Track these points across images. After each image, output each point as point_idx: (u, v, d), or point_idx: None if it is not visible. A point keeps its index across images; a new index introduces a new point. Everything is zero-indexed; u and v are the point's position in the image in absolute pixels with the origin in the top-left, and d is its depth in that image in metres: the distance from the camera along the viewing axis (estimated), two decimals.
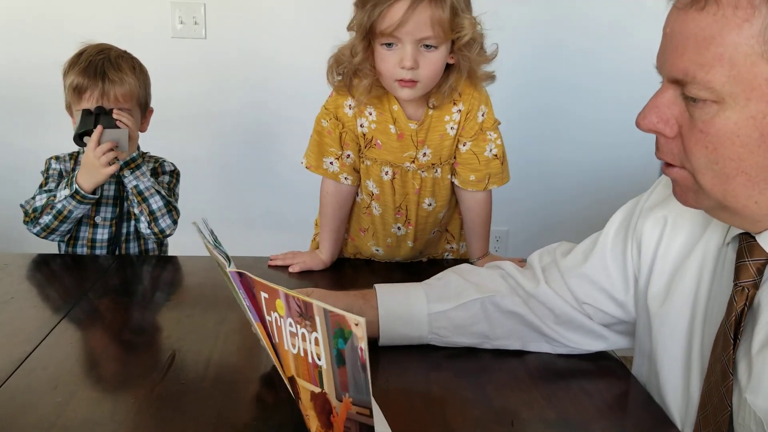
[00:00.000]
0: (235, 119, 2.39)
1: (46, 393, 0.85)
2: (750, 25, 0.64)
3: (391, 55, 1.17)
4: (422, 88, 1.21)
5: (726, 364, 0.74)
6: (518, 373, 0.95)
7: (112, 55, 1.44)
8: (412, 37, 1.14)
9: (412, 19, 1.12)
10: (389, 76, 1.20)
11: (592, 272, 0.96)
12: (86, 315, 1.11)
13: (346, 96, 1.28)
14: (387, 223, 1.38)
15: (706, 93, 0.68)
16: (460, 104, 1.27)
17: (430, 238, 1.43)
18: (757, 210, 0.71)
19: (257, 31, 2.32)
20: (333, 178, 1.32)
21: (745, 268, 0.74)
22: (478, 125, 1.29)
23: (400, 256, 1.43)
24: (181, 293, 1.25)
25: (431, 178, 1.33)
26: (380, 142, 1.29)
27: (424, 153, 1.30)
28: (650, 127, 0.74)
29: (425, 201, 1.36)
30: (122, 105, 1.41)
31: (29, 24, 2.32)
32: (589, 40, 2.39)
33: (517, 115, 2.46)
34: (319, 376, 0.70)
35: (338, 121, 1.29)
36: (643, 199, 0.95)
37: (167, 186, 1.51)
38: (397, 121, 1.27)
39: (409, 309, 0.99)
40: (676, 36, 0.70)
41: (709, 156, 0.70)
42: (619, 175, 2.45)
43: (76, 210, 1.39)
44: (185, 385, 0.88)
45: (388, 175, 1.32)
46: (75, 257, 1.43)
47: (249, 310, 0.80)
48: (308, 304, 0.69)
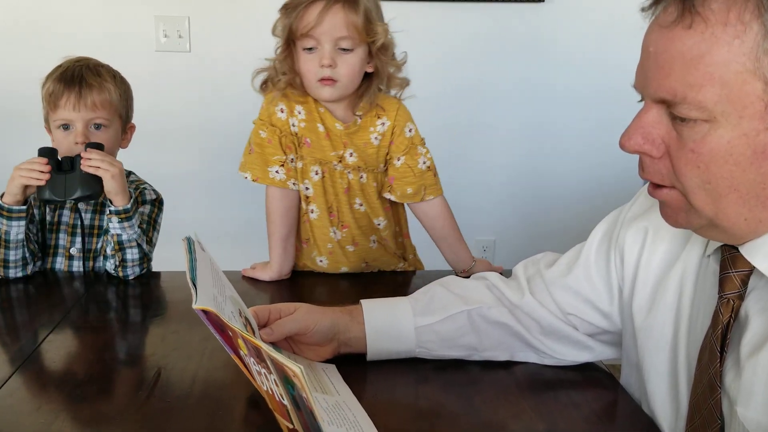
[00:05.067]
0: (221, 132, 2.38)
1: (30, 414, 0.84)
2: (741, 42, 0.63)
3: (311, 58, 1.27)
4: (342, 88, 1.29)
5: (713, 377, 0.74)
6: (506, 385, 0.95)
7: (91, 63, 1.39)
8: (329, 36, 1.25)
9: (326, 19, 1.23)
10: (311, 78, 1.28)
11: (576, 283, 0.96)
12: (70, 333, 1.09)
13: (275, 102, 1.34)
14: (324, 226, 1.39)
15: (697, 112, 0.67)
16: (384, 118, 1.36)
17: (371, 248, 1.43)
18: (745, 227, 0.70)
19: (241, 43, 2.32)
20: (281, 185, 1.35)
21: (729, 280, 0.74)
22: (408, 140, 1.36)
23: (346, 266, 1.42)
24: (165, 309, 1.24)
25: (357, 182, 1.38)
26: (309, 140, 1.35)
27: (351, 153, 1.36)
28: (636, 149, 0.73)
29: (356, 201, 1.39)
30: (99, 113, 1.34)
31: (12, 38, 2.31)
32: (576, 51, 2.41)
33: (503, 126, 2.48)
34: (288, 413, 0.70)
35: (274, 127, 1.34)
36: (625, 209, 0.95)
37: (148, 217, 1.41)
38: (324, 120, 1.35)
39: (395, 324, 0.99)
40: (661, 55, 0.68)
41: (701, 176, 0.69)
42: (605, 184, 2.46)
43: (10, 229, 1.29)
44: (171, 403, 0.87)
45: (318, 175, 1.36)
46: (57, 275, 1.41)
47: (223, 343, 0.79)
48: (258, 348, 0.68)
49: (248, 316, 0.89)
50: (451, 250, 1.42)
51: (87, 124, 1.34)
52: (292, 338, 0.95)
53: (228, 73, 2.34)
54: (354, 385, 0.90)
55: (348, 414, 0.81)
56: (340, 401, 0.84)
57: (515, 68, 2.43)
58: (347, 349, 0.98)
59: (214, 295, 0.77)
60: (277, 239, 1.37)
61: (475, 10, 2.37)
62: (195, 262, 0.79)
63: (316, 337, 0.95)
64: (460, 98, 2.46)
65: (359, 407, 0.84)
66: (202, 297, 0.72)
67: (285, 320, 0.93)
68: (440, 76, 2.41)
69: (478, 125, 2.49)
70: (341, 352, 0.98)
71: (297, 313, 0.95)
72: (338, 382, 0.91)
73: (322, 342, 0.96)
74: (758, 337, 0.71)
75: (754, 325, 0.72)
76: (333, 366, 0.96)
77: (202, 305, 0.71)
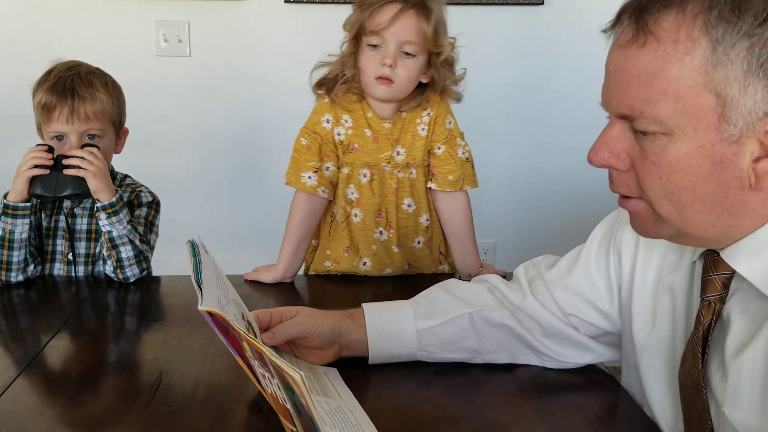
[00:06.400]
0: (221, 136, 2.39)
1: (32, 419, 0.84)
2: (691, 59, 0.66)
3: (375, 55, 1.31)
4: (396, 89, 1.33)
5: (697, 379, 0.75)
6: (508, 388, 0.95)
7: (82, 71, 1.37)
8: (397, 38, 1.29)
9: (398, 22, 1.27)
10: (370, 73, 1.32)
11: (576, 284, 0.97)
12: (71, 338, 1.09)
13: (322, 112, 1.37)
14: (368, 228, 1.41)
15: (655, 126, 0.69)
16: (429, 109, 1.40)
17: (415, 249, 1.44)
18: (715, 233, 0.72)
19: (241, 47, 2.32)
20: (311, 191, 1.37)
21: (711, 283, 0.75)
22: (447, 131, 1.41)
23: (390, 267, 1.44)
24: (167, 314, 1.24)
25: (407, 179, 1.41)
26: (357, 145, 1.38)
27: (398, 152, 1.39)
28: (602, 163, 0.76)
29: (404, 202, 1.41)
30: (93, 124, 1.34)
31: (12, 44, 2.31)
32: (576, 54, 2.41)
33: (503, 129, 2.48)
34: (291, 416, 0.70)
35: (317, 135, 1.38)
36: (623, 210, 0.95)
37: (144, 220, 1.42)
38: (371, 125, 1.38)
39: (396, 327, 0.99)
40: (620, 73, 0.72)
41: (663, 186, 0.71)
42: (605, 187, 2.44)
43: (15, 227, 1.30)
44: (173, 408, 0.87)
45: (367, 178, 1.39)
46: (56, 280, 1.41)
47: (227, 345, 0.79)
48: (261, 352, 0.68)
49: (250, 319, 0.89)
50: (462, 250, 1.44)
51: (81, 135, 1.35)
52: (294, 342, 0.95)
53: (228, 77, 2.34)
54: (356, 389, 0.90)
55: (350, 417, 0.81)
56: (342, 405, 0.84)
57: (515, 71, 2.43)
58: (349, 352, 0.98)
59: (218, 297, 0.77)
60: (291, 241, 1.38)
61: (474, 13, 2.37)
62: (200, 265, 0.79)
63: (318, 341, 0.95)
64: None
65: (361, 411, 0.84)
66: (207, 298, 0.73)
67: (286, 324, 0.93)
68: None
69: (478, 127, 2.49)
70: (343, 356, 0.98)
71: (298, 317, 0.95)
72: (340, 386, 0.91)
73: (324, 345, 0.96)
74: (741, 338, 0.72)
75: (736, 326, 0.73)
76: (335, 369, 0.96)
77: (208, 307, 0.71)
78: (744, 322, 0.73)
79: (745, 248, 0.72)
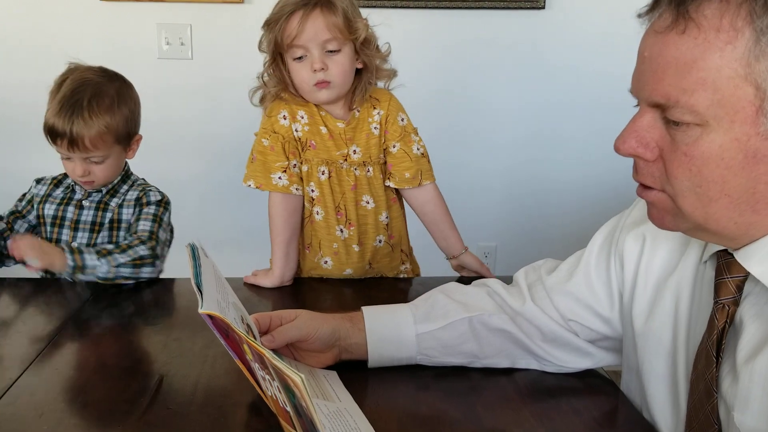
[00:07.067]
0: (223, 139, 2.39)
1: (32, 420, 0.84)
2: (733, 48, 0.64)
3: (303, 66, 1.32)
4: (337, 88, 1.34)
5: (709, 382, 0.74)
6: (508, 392, 0.95)
7: (89, 94, 1.36)
8: (315, 41, 1.29)
9: (308, 25, 1.28)
10: (306, 84, 1.33)
11: (576, 289, 0.97)
12: (72, 340, 1.10)
13: (278, 110, 1.39)
14: (330, 225, 1.41)
15: (690, 116, 0.67)
16: (379, 108, 1.41)
17: (377, 248, 1.45)
18: (735, 230, 0.71)
19: (243, 50, 2.31)
20: (284, 191, 1.38)
21: (724, 285, 0.74)
22: (401, 128, 1.42)
23: (350, 267, 1.43)
24: (167, 316, 1.24)
25: (365, 177, 1.41)
26: (314, 142, 1.39)
27: (354, 150, 1.40)
28: (630, 152, 0.74)
29: (363, 199, 1.42)
30: (92, 153, 1.36)
31: (16, 45, 2.32)
32: (576, 58, 2.42)
33: (503, 132, 2.49)
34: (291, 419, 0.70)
35: (277, 134, 1.38)
36: (624, 215, 0.96)
37: (153, 216, 1.43)
38: (326, 123, 1.39)
39: (396, 331, 0.99)
40: (655, 60, 0.69)
41: (692, 179, 0.70)
42: (605, 191, 2.46)
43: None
44: (173, 410, 0.87)
45: (325, 175, 1.39)
46: (59, 281, 1.41)
47: (227, 348, 0.80)
48: (262, 355, 0.68)
49: (250, 323, 0.89)
50: (443, 236, 1.46)
51: (84, 160, 1.38)
52: (294, 345, 0.96)
53: (230, 79, 2.34)
54: (355, 392, 0.90)
55: (349, 420, 0.81)
56: (342, 408, 0.84)
57: (515, 74, 2.44)
58: (348, 355, 0.98)
59: (218, 300, 0.77)
60: (279, 243, 1.39)
61: (476, 17, 2.38)
62: (199, 268, 0.79)
63: (317, 344, 0.95)
64: (461, 105, 2.46)
65: (360, 414, 0.84)
66: (207, 302, 0.73)
67: (286, 327, 0.94)
68: (441, 82, 2.42)
69: (479, 131, 2.50)
70: (342, 359, 0.98)
71: (298, 320, 0.95)
72: (339, 389, 0.91)
73: (323, 349, 0.96)
74: (754, 343, 0.71)
75: (749, 330, 0.72)
76: (334, 372, 0.96)
77: (208, 310, 0.72)
78: (757, 327, 0.72)
79: (760, 250, 0.71)
